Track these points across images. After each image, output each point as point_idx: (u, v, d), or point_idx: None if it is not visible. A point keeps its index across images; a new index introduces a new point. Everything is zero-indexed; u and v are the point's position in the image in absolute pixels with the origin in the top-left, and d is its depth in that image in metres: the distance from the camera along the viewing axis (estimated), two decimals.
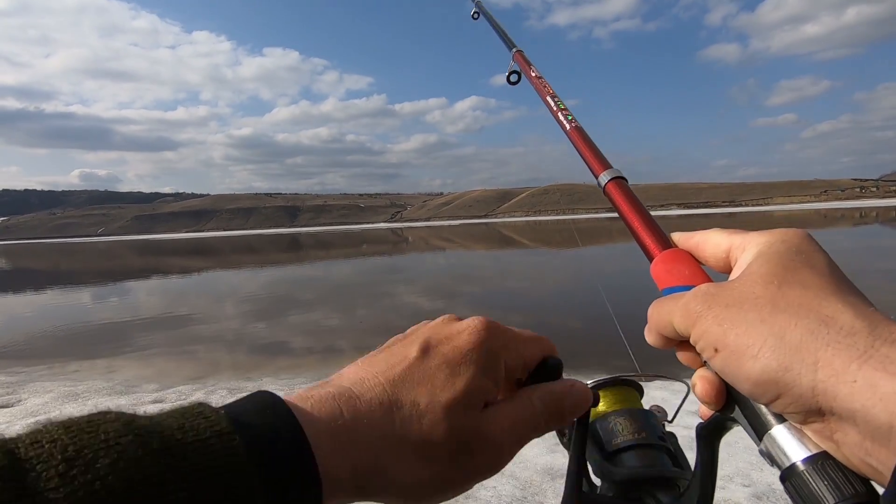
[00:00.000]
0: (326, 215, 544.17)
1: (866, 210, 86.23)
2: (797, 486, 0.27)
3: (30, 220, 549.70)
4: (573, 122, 0.60)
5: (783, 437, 0.28)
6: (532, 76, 0.76)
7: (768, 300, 0.28)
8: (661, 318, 0.33)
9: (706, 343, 0.30)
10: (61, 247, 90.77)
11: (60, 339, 8.74)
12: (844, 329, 0.25)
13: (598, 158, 0.53)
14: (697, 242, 0.37)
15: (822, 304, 0.27)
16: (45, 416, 4.43)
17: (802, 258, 0.30)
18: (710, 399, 0.31)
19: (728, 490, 2.55)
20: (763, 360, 0.27)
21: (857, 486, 0.25)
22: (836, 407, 0.25)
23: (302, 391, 0.29)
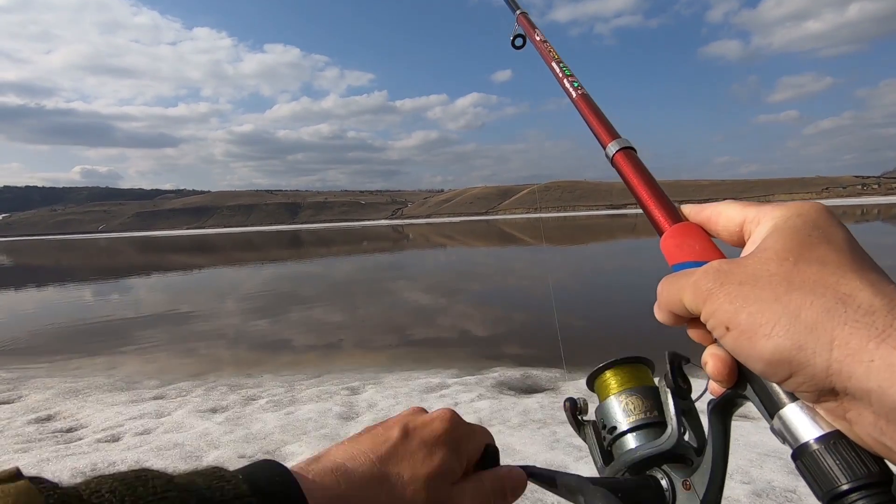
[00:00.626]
0: (327, 212, 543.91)
1: (868, 207, 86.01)
2: (809, 465, 0.26)
3: (31, 216, 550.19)
4: (580, 89, 0.56)
5: (795, 416, 0.27)
6: (536, 40, 0.71)
7: (783, 277, 0.27)
8: (671, 295, 0.32)
9: (717, 321, 0.29)
10: (63, 243, 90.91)
11: (61, 335, 8.75)
12: (863, 307, 0.25)
13: (605, 127, 0.49)
14: (709, 216, 0.36)
15: (840, 282, 0.26)
16: (47, 411, 4.44)
17: (819, 233, 0.29)
18: (722, 377, 0.31)
19: (727, 488, 2.54)
20: (776, 339, 0.26)
21: (870, 465, 0.25)
22: (850, 386, 0.24)
23: (302, 464, 0.33)
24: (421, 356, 6.22)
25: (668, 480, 0.35)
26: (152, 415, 4.23)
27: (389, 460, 0.35)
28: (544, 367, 5.32)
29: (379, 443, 0.36)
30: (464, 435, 0.40)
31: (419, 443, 0.37)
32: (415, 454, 0.36)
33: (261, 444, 3.47)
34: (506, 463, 0.41)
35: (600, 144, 0.49)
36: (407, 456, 0.35)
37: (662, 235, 0.39)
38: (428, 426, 0.38)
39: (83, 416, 4.32)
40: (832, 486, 0.25)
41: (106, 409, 4.46)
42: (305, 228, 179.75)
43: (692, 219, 0.38)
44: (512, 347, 6.59)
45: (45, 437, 3.85)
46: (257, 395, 4.69)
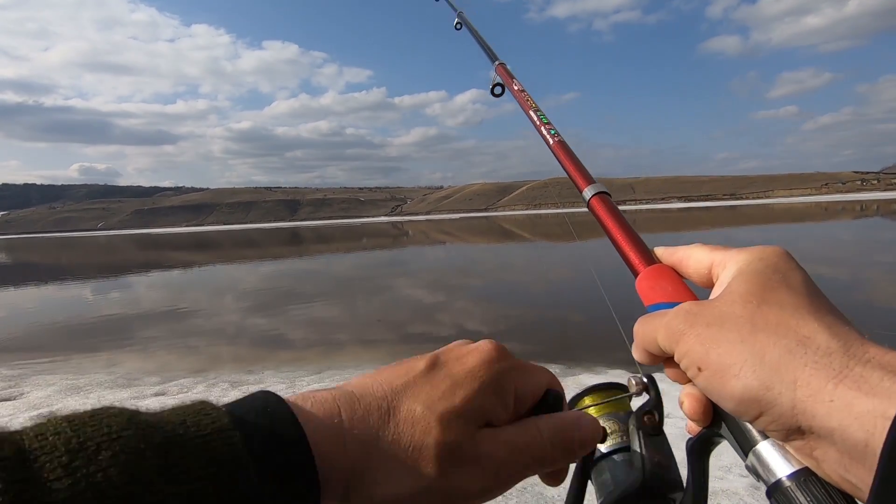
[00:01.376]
0: (327, 209, 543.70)
1: (867, 203, 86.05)
2: (782, 502, 0.27)
3: (30, 214, 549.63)
4: (556, 136, 0.59)
5: (768, 453, 0.28)
6: (515, 90, 0.74)
7: (747, 319, 0.29)
8: (646, 336, 0.34)
9: (689, 361, 0.30)
10: (62, 241, 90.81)
11: (62, 332, 8.77)
12: (821, 349, 0.26)
13: (581, 173, 0.53)
14: (681, 258, 0.38)
15: (800, 324, 0.27)
16: (48, 408, 4.46)
17: (780, 277, 0.31)
18: (698, 416, 0.32)
19: (726, 481, 2.57)
20: (744, 379, 0.27)
21: (837, 500, 0.26)
22: (814, 425, 0.25)
23: (306, 392, 0.30)
24: (421, 352, 6.20)
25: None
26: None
27: (404, 393, 0.31)
28: (543, 363, 5.34)
29: (400, 374, 0.32)
30: (507, 370, 0.33)
31: (445, 375, 0.32)
32: (435, 388, 0.31)
33: None
34: None
35: (577, 189, 0.52)
36: (426, 389, 0.31)
37: (637, 277, 0.40)
38: (462, 359, 0.34)
39: None
40: None
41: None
42: (305, 225, 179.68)
43: (665, 261, 0.40)
44: (511, 343, 6.61)
45: None
46: None
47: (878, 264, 12.44)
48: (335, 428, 0.28)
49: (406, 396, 0.30)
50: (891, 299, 8.20)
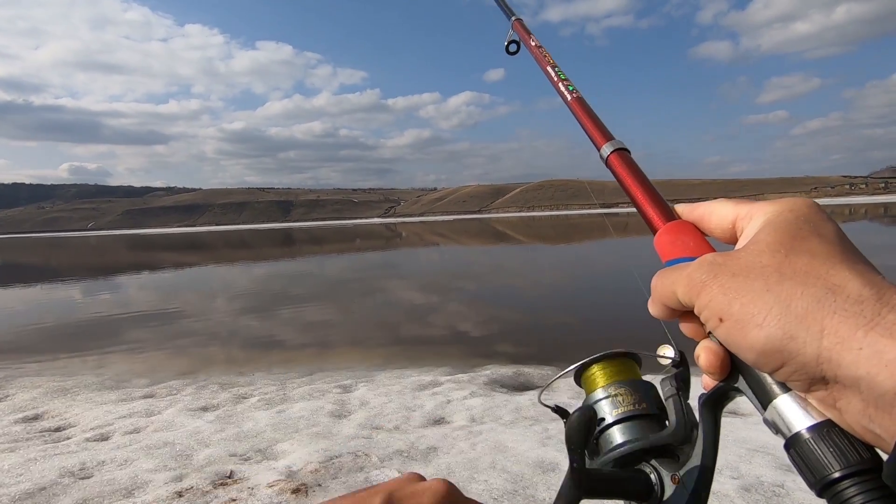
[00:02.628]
0: (320, 210, 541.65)
1: (855, 207, 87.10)
2: (802, 454, 0.27)
3: (18, 213, 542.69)
4: (575, 92, 0.57)
5: (787, 406, 0.28)
6: (532, 45, 0.72)
7: (775, 269, 0.28)
8: (665, 289, 0.33)
9: (711, 312, 0.29)
10: (51, 241, 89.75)
11: (50, 334, 8.65)
12: (852, 297, 0.25)
13: (599, 129, 0.50)
14: (702, 214, 0.37)
15: (830, 272, 0.27)
16: (34, 410, 4.39)
17: (810, 227, 0.30)
18: (714, 369, 0.31)
19: (717, 482, 2.57)
20: (768, 328, 0.26)
21: (862, 452, 0.25)
22: (840, 374, 0.25)
23: None
24: (413, 354, 6.21)
25: (657, 475, 0.35)
26: (142, 413, 4.19)
27: None
28: (537, 365, 5.34)
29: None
30: None
31: None
32: None
33: (252, 442, 3.45)
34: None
35: (595, 146, 0.50)
36: None
37: (656, 233, 0.39)
38: (414, 498, 0.33)
39: (71, 415, 4.27)
40: (824, 473, 0.26)
41: (95, 408, 4.41)
42: (298, 226, 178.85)
43: (685, 217, 0.39)
44: (504, 346, 6.60)
45: (32, 436, 3.80)
46: (249, 393, 4.66)
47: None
48: None
49: None
50: None
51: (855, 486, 0.25)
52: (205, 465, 3.10)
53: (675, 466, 0.34)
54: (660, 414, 0.37)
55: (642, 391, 0.38)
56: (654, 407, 0.37)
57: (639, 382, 0.39)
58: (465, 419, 3.76)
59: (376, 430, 3.59)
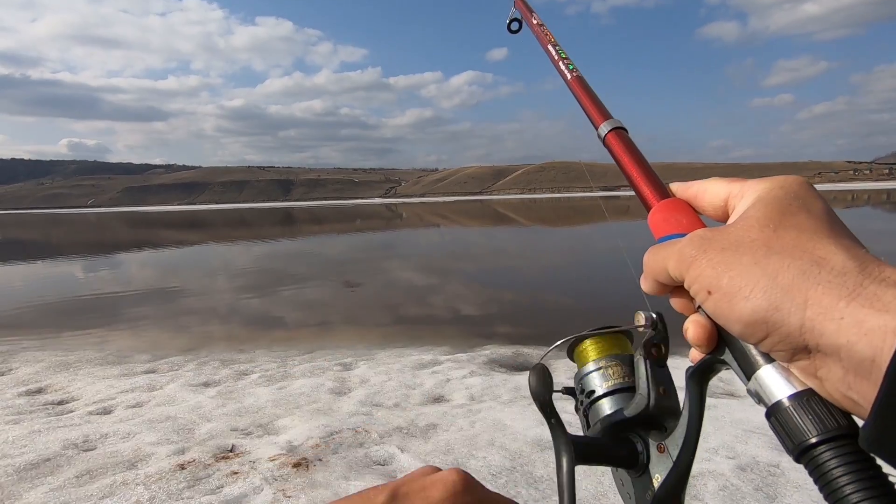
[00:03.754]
0: (320, 189, 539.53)
1: (858, 193, 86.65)
2: (782, 421, 0.28)
3: (18, 189, 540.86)
4: (574, 71, 0.57)
5: (770, 376, 0.29)
6: (533, 24, 0.72)
7: (763, 243, 0.29)
8: (656, 264, 0.34)
9: (700, 286, 0.30)
10: (51, 217, 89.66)
11: (51, 310, 8.69)
12: (836, 269, 0.26)
13: (598, 108, 0.51)
14: (696, 192, 0.38)
15: (816, 246, 0.27)
16: (37, 384, 4.44)
17: (799, 203, 0.30)
18: (702, 342, 0.32)
19: (713, 462, 2.60)
20: (754, 300, 0.27)
21: (839, 419, 0.26)
22: (822, 343, 0.25)
23: None
24: (413, 334, 6.24)
25: (643, 443, 0.36)
26: (144, 388, 4.23)
27: None
28: (536, 345, 5.37)
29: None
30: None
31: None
32: None
33: (253, 417, 3.49)
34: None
35: (593, 125, 0.50)
36: None
37: (650, 211, 0.40)
38: (424, 491, 0.32)
39: (74, 388, 4.31)
40: (802, 439, 0.26)
41: (97, 382, 4.46)
42: (298, 206, 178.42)
43: (679, 195, 0.39)
44: (504, 326, 6.63)
45: (36, 409, 3.84)
46: (249, 370, 4.70)
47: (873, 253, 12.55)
48: None
49: None
50: None
51: (831, 450, 0.25)
52: (206, 438, 3.14)
53: (660, 436, 0.35)
54: None
55: (631, 365, 0.39)
56: None
57: (628, 357, 0.40)
58: (464, 398, 3.80)
59: (376, 407, 3.63)
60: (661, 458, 0.34)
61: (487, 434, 3.01)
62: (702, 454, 2.68)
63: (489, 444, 2.88)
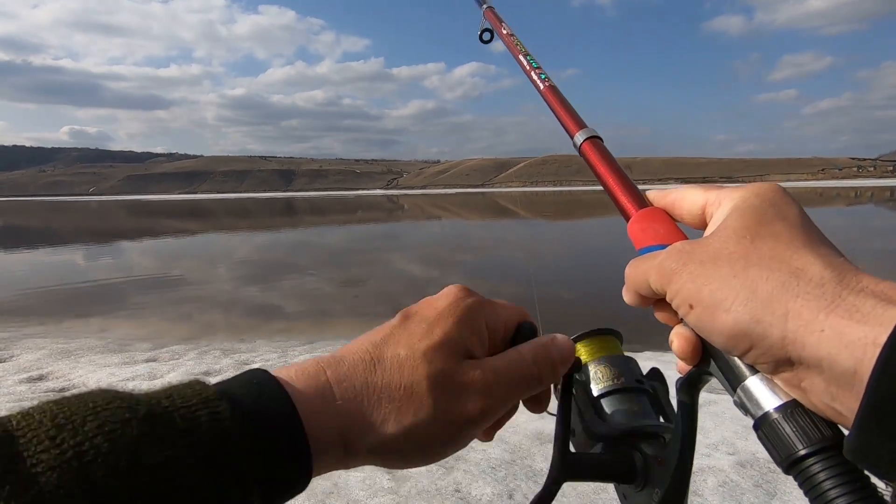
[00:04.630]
0: (322, 180, 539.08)
1: (862, 190, 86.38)
2: (769, 434, 0.28)
3: (19, 177, 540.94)
4: (547, 81, 0.58)
5: (756, 388, 0.29)
6: (504, 34, 0.71)
7: (741, 255, 0.29)
8: (637, 278, 0.34)
9: (681, 300, 0.30)
10: (53, 205, 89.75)
11: (53, 297, 8.71)
12: (814, 280, 0.26)
13: (572, 118, 0.51)
14: (673, 200, 0.38)
15: (794, 257, 0.28)
16: (39, 371, 4.45)
17: (775, 211, 0.31)
18: (687, 355, 0.32)
19: (713, 458, 2.60)
20: (735, 313, 0.27)
21: (823, 430, 0.26)
22: (804, 355, 0.25)
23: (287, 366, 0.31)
24: None
25: (642, 456, 0.36)
26: (145, 376, 4.24)
27: (385, 343, 0.32)
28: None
29: (378, 331, 0.34)
30: (476, 304, 0.35)
31: (419, 320, 0.34)
32: (413, 332, 0.33)
33: None
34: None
35: (568, 134, 0.51)
36: (405, 336, 0.33)
37: (629, 220, 0.40)
38: (431, 304, 0.35)
39: (75, 376, 4.33)
40: (790, 451, 0.27)
41: (98, 369, 4.47)
42: (300, 196, 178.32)
43: (657, 203, 0.39)
44: None
45: (37, 395, 3.86)
46: (250, 359, 4.71)
47: (866, 251, 12.54)
48: (322, 386, 0.29)
49: (387, 346, 0.32)
50: None
51: (818, 462, 0.25)
52: None
53: (658, 448, 0.36)
54: (637, 386, 0.39)
55: (621, 366, 0.40)
56: (631, 380, 0.39)
57: (617, 357, 0.41)
58: None
59: None
60: (660, 472, 0.35)
61: None
62: (701, 450, 2.68)
63: None
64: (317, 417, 0.27)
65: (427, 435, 0.31)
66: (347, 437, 0.29)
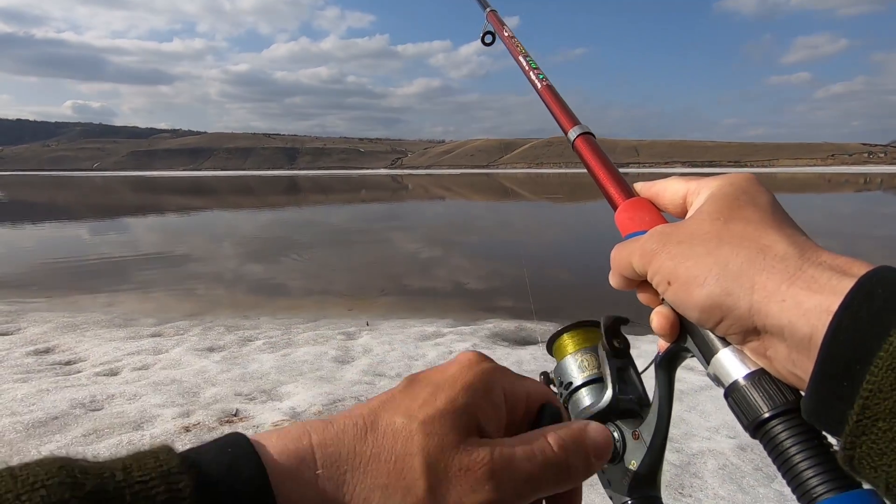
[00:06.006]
0: (326, 159, 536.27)
1: (871, 176, 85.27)
2: (737, 400, 0.30)
3: (23, 151, 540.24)
4: (544, 80, 0.61)
5: (727, 359, 0.31)
6: (505, 36, 0.75)
7: (714, 235, 0.31)
8: (622, 260, 0.36)
9: (661, 277, 0.33)
10: (57, 180, 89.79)
11: (59, 272, 8.76)
12: (778, 255, 0.28)
13: (567, 115, 0.55)
14: (658, 191, 0.40)
15: (762, 236, 0.30)
16: (45, 344, 4.49)
17: (747, 197, 0.33)
18: (665, 332, 0.34)
19: (714, 441, 2.61)
20: (708, 287, 0.30)
21: (786, 395, 0.28)
22: (768, 324, 0.28)
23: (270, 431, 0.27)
24: (416, 305, 6.26)
25: (619, 432, 0.38)
26: (150, 351, 4.28)
27: (382, 409, 0.27)
28: (538, 321, 5.37)
29: (378, 396, 0.29)
30: (493, 370, 0.30)
31: (425, 384, 0.29)
32: (415, 398, 0.28)
33: (257, 382, 3.53)
34: None
35: (562, 130, 0.54)
36: (406, 401, 0.28)
37: (616, 210, 0.43)
38: (442, 368, 0.30)
39: (81, 349, 4.37)
40: (756, 415, 0.29)
41: (104, 343, 4.51)
42: (304, 174, 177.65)
43: (643, 194, 0.42)
44: (507, 301, 6.63)
45: (44, 368, 3.90)
46: (254, 336, 4.74)
47: (872, 238, 12.43)
48: (303, 451, 0.25)
49: (384, 412, 0.27)
50: None
51: (781, 424, 0.28)
52: (211, 402, 3.18)
53: (635, 424, 0.38)
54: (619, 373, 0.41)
55: None
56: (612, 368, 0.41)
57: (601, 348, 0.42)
58: None
59: (379, 376, 3.66)
60: (637, 445, 0.37)
61: None
62: (702, 433, 2.69)
63: None
64: (292, 486, 0.24)
65: None
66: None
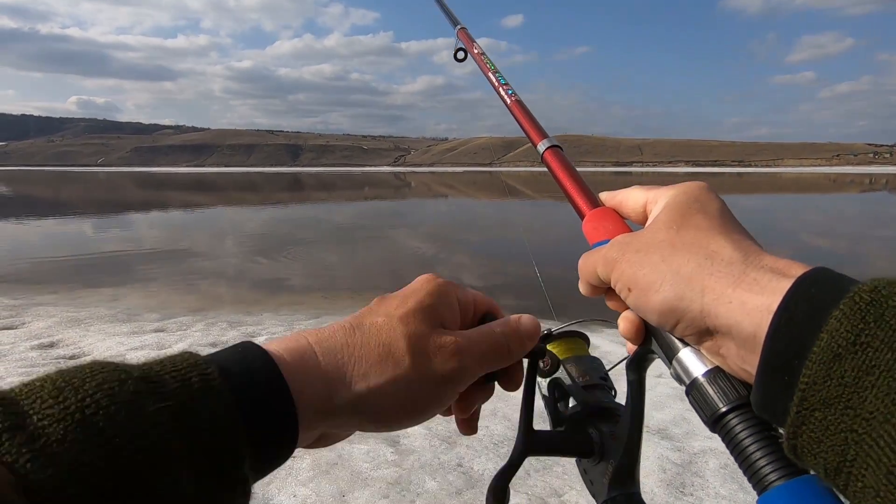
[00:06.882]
0: (329, 156, 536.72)
1: (876, 177, 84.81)
2: (696, 398, 0.32)
3: (28, 146, 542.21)
4: (514, 96, 0.63)
5: (686, 358, 0.33)
6: (475, 53, 0.77)
7: (668, 243, 0.34)
8: (587, 269, 0.38)
9: (622, 284, 0.35)
10: (62, 175, 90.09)
11: (63, 267, 8.80)
12: (725, 260, 0.31)
13: (536, 129, 0.57)
14: (620, 200, 0.43)
15: (710, 242, 0.32)
16: (49, 338, 4.52)
17: (699, 205, 0.35)
18: (631, 335, 0.37)
19: (715, 440, 2.60)
20: (664, 292, 0.32)
21: (739, 390, 0.30)
22: (718, 325, 0.30)
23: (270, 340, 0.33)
24: None
25: (598, 433, 0.40)
26: (153, 346, 4.30)
27: (363, 315, 0.35)
28: (540, 319, 5.38)
29: (356, 313, 0.36)
30: (446, 283, 0.38)
31: (395, 296, 0.37)
32: (389, 304, 0.36)
33: None
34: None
35: (531, 143, 0.57)
36: (382, 307, 0.36)
37: (583, 219, 0.45)
38: (405, 288, 0.38)
39: (85, 344, 4.39)
40: (713, 410, 0.31)
41: (108, 338, 4.53)
42: (307, 171, 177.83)
43: (607, 203, 0.44)
44: (508, 298, 6.64)
45: (48, 362, 3.92)
46: (256, 332, 4.75)
47: (877, 239, 12.38)
48: (304, 349, 0.31)
49: (365, 316, 0.35)
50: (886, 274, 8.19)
51: (736, 417, 0.29)
52: None
53: (613, 425, 0.40)
54: (602, 383, 0.44)
55: (586, 365, 0.45)
56: (596, 377, 0.44)
57: (583, 358, 0.45)
58: None
59: None
60: (616, 446, 0.38)
61: (489, 403, 3.03)
62: (704, 432, 2.69)
63: (492, 413, 2.91)
64: (300, 376, 0.29)
65: (406, 391, 0.33)
66: (330, 394, 0.31)
